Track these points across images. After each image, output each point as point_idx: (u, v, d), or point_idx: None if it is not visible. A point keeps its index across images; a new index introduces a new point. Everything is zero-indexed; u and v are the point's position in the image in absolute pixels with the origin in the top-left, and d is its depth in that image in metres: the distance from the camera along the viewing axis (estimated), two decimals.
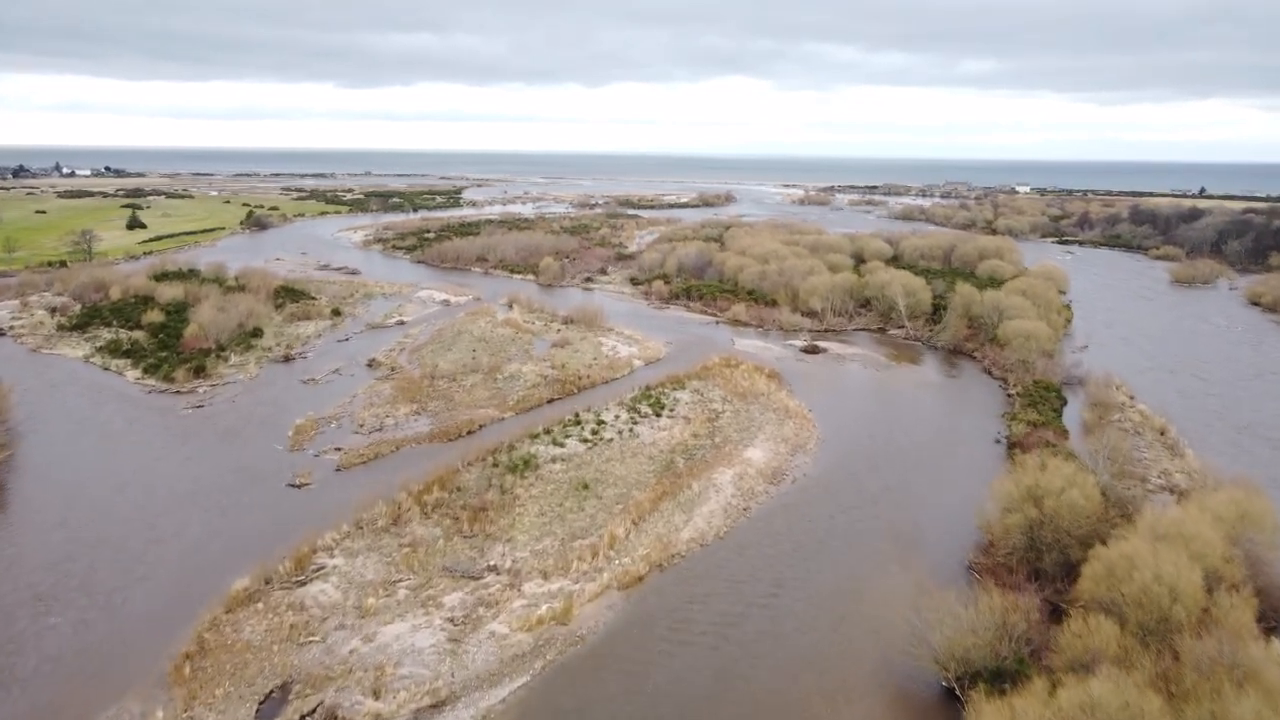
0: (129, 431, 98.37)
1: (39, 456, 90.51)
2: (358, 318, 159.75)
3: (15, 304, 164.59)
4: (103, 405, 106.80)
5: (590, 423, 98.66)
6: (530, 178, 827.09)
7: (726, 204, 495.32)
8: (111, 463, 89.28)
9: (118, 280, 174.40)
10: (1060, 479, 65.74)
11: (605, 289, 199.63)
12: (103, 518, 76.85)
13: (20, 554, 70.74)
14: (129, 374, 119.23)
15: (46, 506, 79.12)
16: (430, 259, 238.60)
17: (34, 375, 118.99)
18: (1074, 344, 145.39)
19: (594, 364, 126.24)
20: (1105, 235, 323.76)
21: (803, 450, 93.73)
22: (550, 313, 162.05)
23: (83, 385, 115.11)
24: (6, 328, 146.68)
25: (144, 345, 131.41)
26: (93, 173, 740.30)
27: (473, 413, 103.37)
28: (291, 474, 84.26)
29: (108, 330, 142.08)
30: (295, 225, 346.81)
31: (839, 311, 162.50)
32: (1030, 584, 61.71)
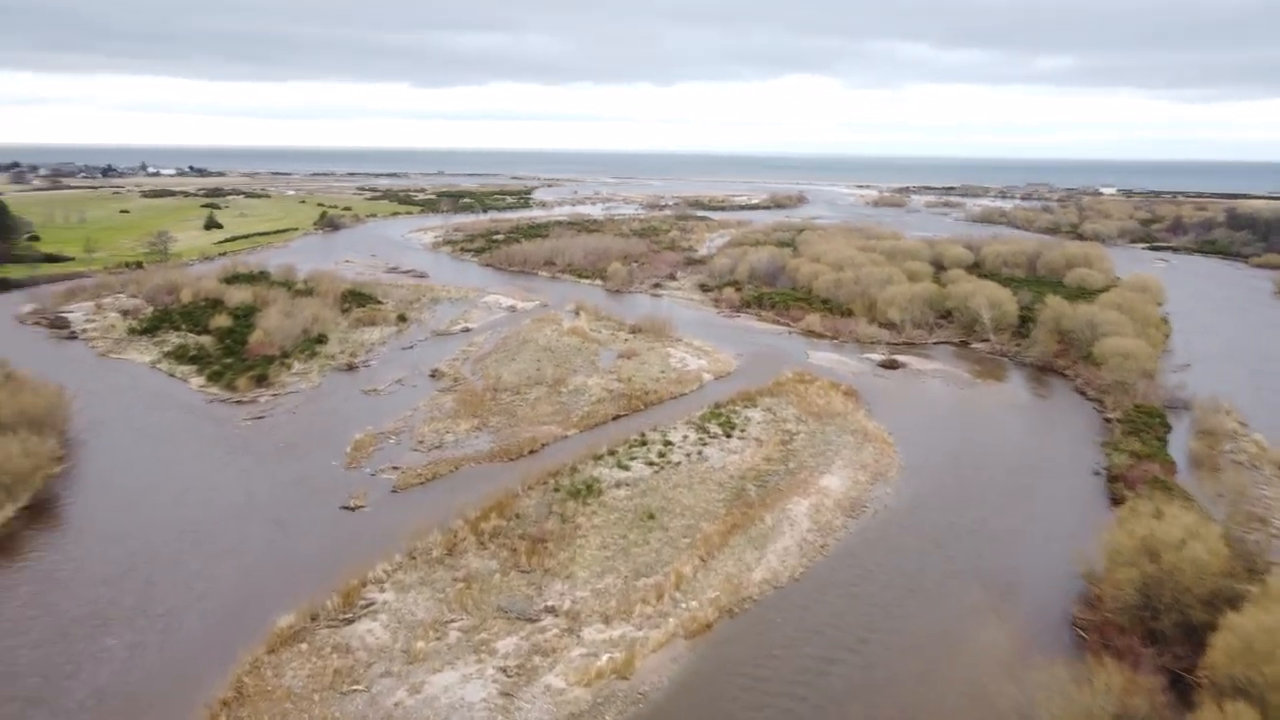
0: (188, 442, 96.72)
1: (98, 466, 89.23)
2: (423, 324, 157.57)
3: (90, 306, 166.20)
4: (164, 414, 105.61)
5: (657, 443, 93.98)
6: (600, 177, 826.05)
7: (798, 205, 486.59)
8: (170, 475, 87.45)
9: (189, 282, 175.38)
10: (1179, 529, 58.94)
11: (674, 295, 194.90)
12: (160, 531, 75.14)
13: (79, 567, 69.22)
14: (192, 381, 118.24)
15: (104, 518, 77.64)
16: (498, 262, 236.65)
17: (100, 380, 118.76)
18: (1174, 362, 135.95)
19: (661, 378, 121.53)
20: (1199, 241, 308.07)
21: (883, 479, 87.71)
22: (617, 321, 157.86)
23: (146, 392, 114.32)
24: (80, 330, 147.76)
25: (210, 351, 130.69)
26: (176, 172, 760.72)
27: (535, 430, 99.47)
28: (347, 495, 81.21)
29: (176, 334, 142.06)
30: (367, 226, 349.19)
31: (919, 323, 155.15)
32: (1145, 647, 55.21)
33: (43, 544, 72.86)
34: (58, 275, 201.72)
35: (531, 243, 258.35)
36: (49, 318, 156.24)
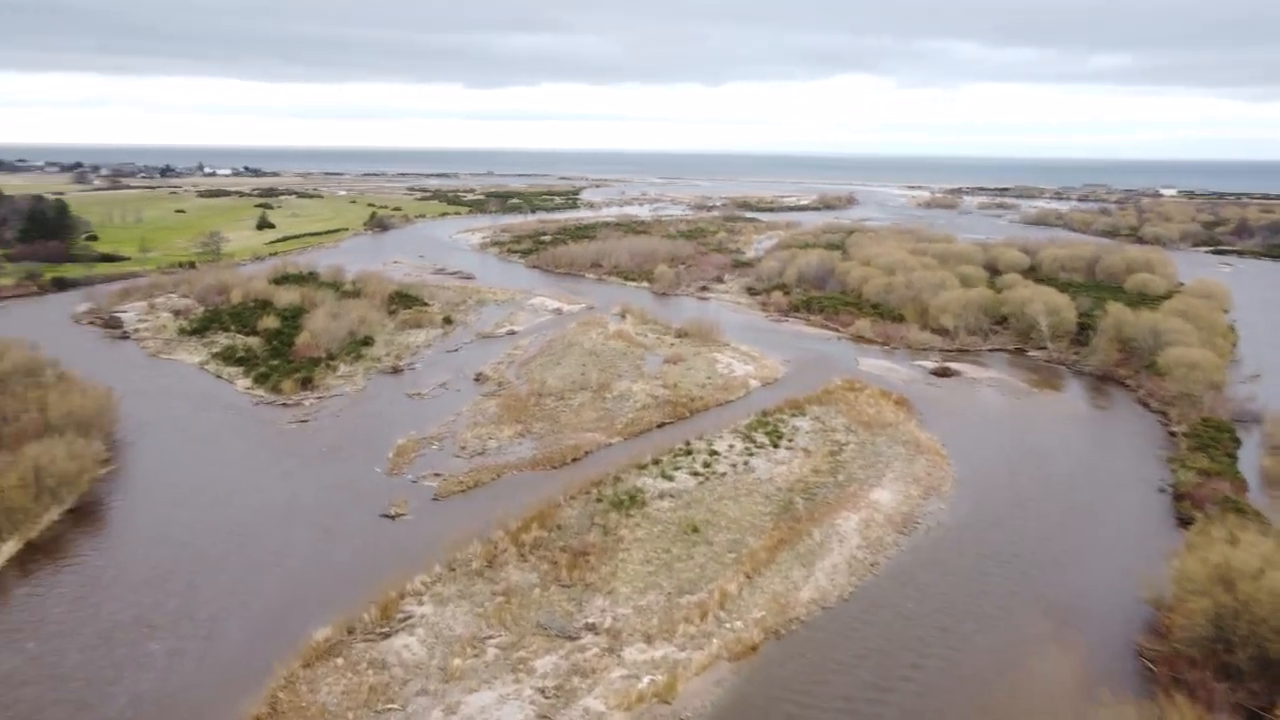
0: (233, 444, 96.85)
1: (144, 467, 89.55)
2: (469, 326, 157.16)
3: (143, 306, 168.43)
4: (210, 415, 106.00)
5: (702, 453, 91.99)
6: (648, 178, 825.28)
7: (848, 206, 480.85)
8: (214, 477, 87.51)
9: (239, 283, 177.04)
10: (1256, 557, 55.62)
11: (721, 298, 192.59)
12: (204, 534, 75.20)
13: (123, 570, 69.33)
14: (239, 383, 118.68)
15: (149, 520, 77.86)
16: (544, 264, 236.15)
17: (149, 381, 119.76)
18: (1243, 373, 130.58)
19: (708, 384, 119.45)
20: (1267, 244, 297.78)
21: (936, 493, 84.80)
22: (664, 324, 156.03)
23: (193, 393, 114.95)
24: (132, 331, 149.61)
25: (257, 352, 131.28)
26: (232, 172, 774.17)
27: (579, 437, 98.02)
28: (388, 502, 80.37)
29: (225, 335, 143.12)
30: (416, 226, 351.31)
31: (973, 329, 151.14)
32: (1219, 682, 52.08)
33: (88, 546, 73.00)
34: (113, 275, 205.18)
35: (578, 244, 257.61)
36: (103, 318, 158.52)
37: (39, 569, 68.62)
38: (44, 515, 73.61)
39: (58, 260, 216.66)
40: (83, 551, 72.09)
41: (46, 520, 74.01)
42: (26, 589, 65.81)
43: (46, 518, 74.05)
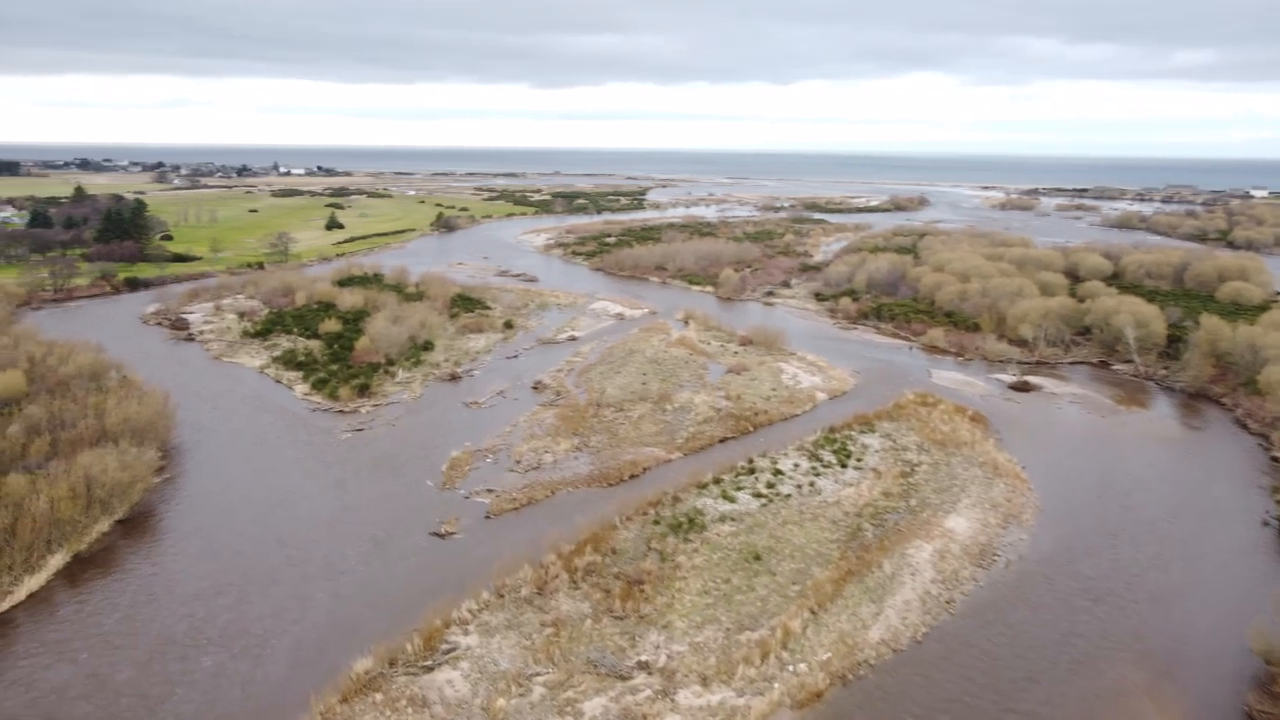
0: (288, 452, 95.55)
1: (198, 476, 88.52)
2: (530, 331, 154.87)
3: (210, 307, 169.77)
4: (266, 422, 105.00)
5: (766, 471, 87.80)
6: (715, 178, 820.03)
7: (919, 208, 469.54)
8: (268, 486, 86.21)
9: (304, 285, 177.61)
10: None
11: (787, 304, 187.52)
12: (255, 546, 74.18)
13: (174, 582, 68.47)
14: (297, 388, 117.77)
15: (201, 531, 76.78)
16: (608, 266, 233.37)
17: (209, 385, 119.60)
18: None
19: (772, 396, 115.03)
20: None
21: (1016, 522, 79.36)
22: (727, 331, 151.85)
23: (251, 398, 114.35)
24: (197, 332, 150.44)
25: (317, 357, 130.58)
26: (306, 171, 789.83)
27: (637, 452, 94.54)
28: (438, 519, 77.83)
29: (286, 338, 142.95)
30: (482, 227, 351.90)
31: (1053, 340, 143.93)
32: None
33: (139, 557, 71.81)
34: (184, 275, 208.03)
35: (643, 247, 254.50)
36: (170, 319, 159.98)
37: (88, 581, 67.54)
38: (93, 526, 72.68)
39: (132, 260, 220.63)
40: (133, 563, 70.95)
41: (96, 531, 73.05)
42: (76, 602, 64.74)
43: (96, 529, 73.09)
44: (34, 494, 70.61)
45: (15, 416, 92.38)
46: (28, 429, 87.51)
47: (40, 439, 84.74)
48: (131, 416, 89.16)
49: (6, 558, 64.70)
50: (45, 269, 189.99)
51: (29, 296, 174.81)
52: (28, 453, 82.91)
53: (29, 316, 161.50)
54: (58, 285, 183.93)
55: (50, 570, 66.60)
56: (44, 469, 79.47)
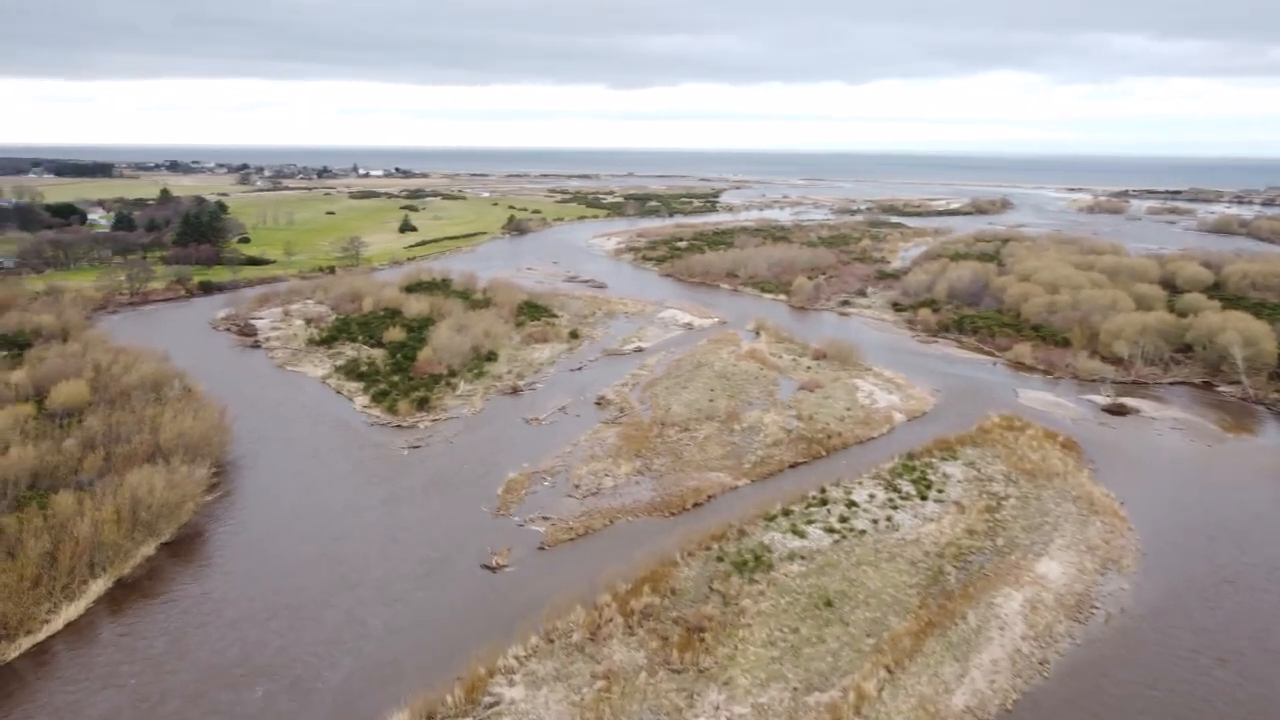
0: (344, 469, 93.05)
1: (251, 493, 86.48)
2: (595, 341, 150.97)
3: (279, 312, 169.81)
4: (324, 436, 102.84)
5: (839, 503, 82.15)
6: (790, 179, 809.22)
7: (1002, 211, 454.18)
8: (321, 506, 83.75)
9: (372, 290, 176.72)
10: None
11: (863, 314, 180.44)
12: (306, 571, 71.89)
13: (225, 604, 66.65)
14: (357, 400, 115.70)
15: (252, 551, 74.93)
16: (678, 272, 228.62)
17: (270, 395, 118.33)
18: None
19: (847, 416, 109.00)
20: None
21: (1116, 567, 72.41)
22: (800, 344, 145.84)
23: (311, 410, 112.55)
24: (264, 339, 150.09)
25: (379, 367, 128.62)
26: (384, 173, 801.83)
27: (702, 477, 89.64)
28: (490, 550, 74.07)
29: (351, 346, 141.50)
30: (553, 230, 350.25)
31: (1151, 359, 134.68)
32: None
33: (185, 580, 69.64)
34: (256, 279, 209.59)
35: (714, 252, 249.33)
36: (239, 324, 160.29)
37: (132, 607, 65.42)
38: (137, 550, 70.57)
39: (208, 263, 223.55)
40: (180, 587, 68.69)
41: (141, 555, 70.99)
42: (120, 628, 62.70)
43: (141, 552, 71.07)
44: (79, 516, 68.74)
45: (73, 429, 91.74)
46: (83, 442, 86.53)
47: (94, 454, 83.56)
48: (186, 431, 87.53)
49: (44, 585, 62.68)
50: (123, 272, 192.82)
51: (105, 300, 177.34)
52: (82, 468, 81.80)
53: (104, 320, 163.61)
54: (134, 289, 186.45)
55: (91, 597, 64.53)
56: (95, 486, 78.21)
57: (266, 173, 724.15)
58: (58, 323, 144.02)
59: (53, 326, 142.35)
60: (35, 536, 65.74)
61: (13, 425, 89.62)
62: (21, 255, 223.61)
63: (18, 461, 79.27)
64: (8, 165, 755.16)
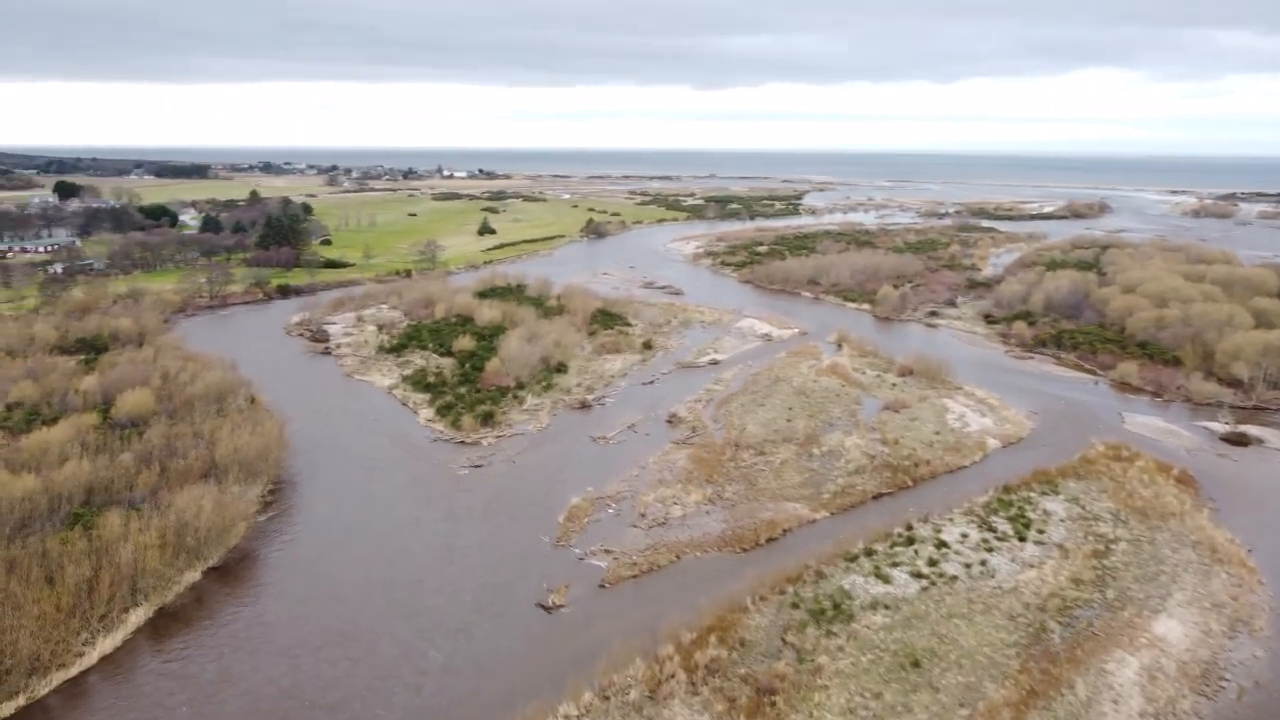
0: (403, 489, 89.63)
1: (306, 514, 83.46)
2: (669, 352, 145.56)
3: (352, 318, 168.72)
4: (386, 453, 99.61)
5: (927, 542, 75.26)
6: (875, 181, 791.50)
7: (1100, 215, 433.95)
8: (376, 528, 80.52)
9: (445, 296, 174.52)
10: None
11: (953, 326, 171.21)
12: (359, 598, 69.10)
13: (276, 630, 64.33)
14: (422, 413, 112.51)
15: (305, 574, 72.44)
16: (758, 279, 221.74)
17: (335, 406, 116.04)
18: None
19: (936, 441, 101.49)
20: None
21: (1247, 629, 64.14)
22: (885, 359, 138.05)
23: (374, 423, 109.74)
24: (335, 345, 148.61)
25: (447, 377, 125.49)
26: (468, 174, 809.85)
27: (777, 508, 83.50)
28: (547, 586, 69.28)
29: (420, 355, 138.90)
30: (631, 233, 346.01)
31: (1274, 382, 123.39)
32: None
33: (235, 607, 66.76)
34: (334, 282, 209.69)
35: (795, 258, 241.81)
36: (312, 329, 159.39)
37: (175, 636, 62.51)
38: (182, 577, 67.58)
39: (288, 266, 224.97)
40: (228, 613, 65.73)
41: (186, 581, 68.08)
42: (164, 657, 59.96)
43: (186, 578, 68.11)
44: (123, 540, 66.14)
45: (133, 441, 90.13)
46: (140, 457, 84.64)
47: (149, 470, 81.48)
48: (242, 448, 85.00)
49: (80, 616, 59.93)
50: (203, 275, 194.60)
51: (184, 303, 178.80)
52: (135, 484, 79.73)
53: (182, 324, 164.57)
54: (213, 292, 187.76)
55: (130, 627, 61.65)
56: (147, 503, 76.01)
57: (354, 174, 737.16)
58: (135, 326, 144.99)
59: (130, 330, 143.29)
60: (75, 562, 63.23)
61: (74, 437, 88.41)
62: (111, 257, 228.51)
63: (72, 477, 77.63)
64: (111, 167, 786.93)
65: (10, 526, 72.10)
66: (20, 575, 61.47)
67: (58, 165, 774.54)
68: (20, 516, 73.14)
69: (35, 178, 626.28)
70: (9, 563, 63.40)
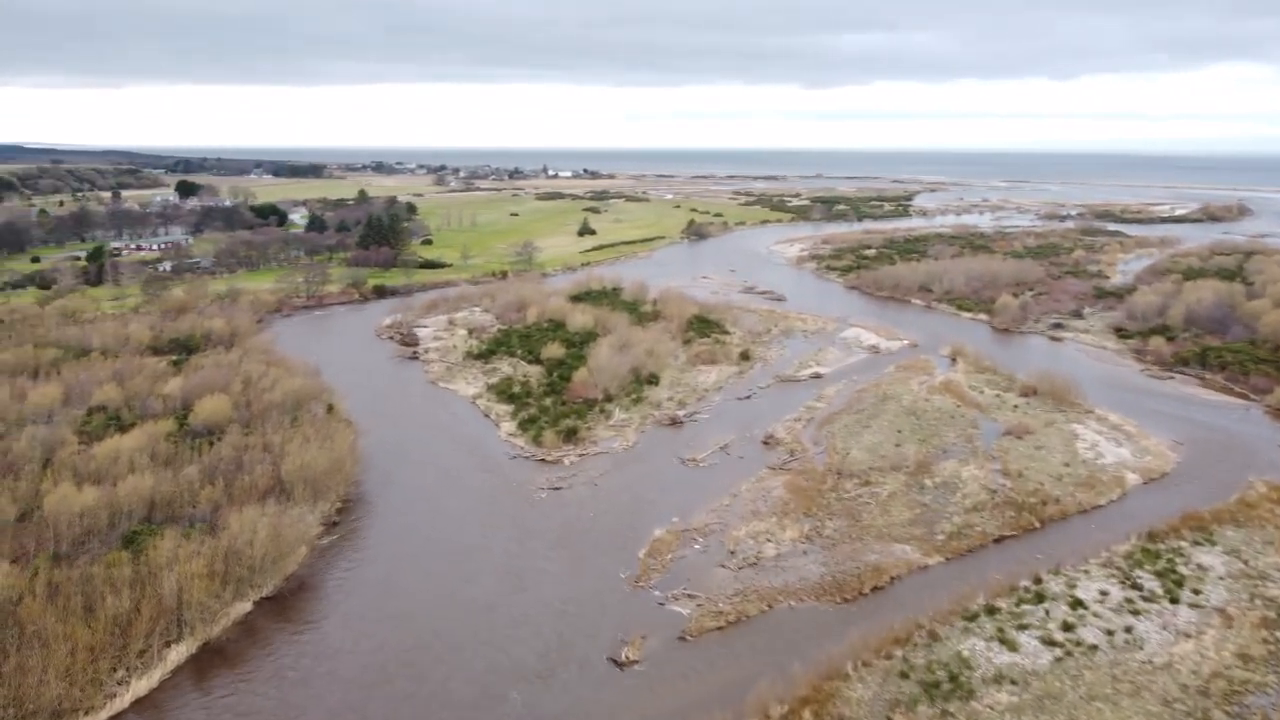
0: (477, 510, 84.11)
1: (373, 537, 78.56)
2: (768, 364, 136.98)
3: (444, 320, 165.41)
4: (462, 470, 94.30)
5: (1059, 600, 65.36)
6: (989, 181, 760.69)
7: (1239, 218, 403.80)
8: (444, 553, 75.73)
9: (538, 300, 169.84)
10: None
11: (1080, 340, 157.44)
12: (423, 632, 63.83)
13: (331, 666, 59.78)
14: (504, 426, 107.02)
15: (366, 605, 67.68)
16: (865, 285, 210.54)
17: (416, 416, 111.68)
18: None
19: (1065, 475, 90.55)
20: None
21: None
22: (1005, 376, 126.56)
23: (455, 436, 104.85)
24: (423, 350, 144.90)
25: (533, 387, 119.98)
26: (572, 174, 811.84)
27: (884, 550, 74.48)
28: (621, 636, 62.11)
29: (508, 362, 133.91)
30: (733, 235, 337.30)
31: None
32: None
33: (287, 639, 62.28)
34: (430, 283, 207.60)
35: (905, 262, 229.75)
36: (402, 332, 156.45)
37: (218, 675, 57.82)
38: (229, 609, 62.78)
39: (386, 266, 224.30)
40: (278, 647, 61.00)
41: (236, 613, 63.22)
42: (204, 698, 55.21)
43: (235, 610, 63.34)
44: (169, 567, 61.78)
45: (203, 452, 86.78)
46: (206, 470, 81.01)
47: (213, 486, 77.66)
48: (309, 464, 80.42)
49: (113, 653, 55.42)
50: (300, 274, 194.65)
51: (280, 303, 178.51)
52: (198, 500, 75.99)
53: (275, 324, 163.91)
54: (309, 291, 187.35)
55: (169, 665, 56.95)
56: (209, 521, 72.11)
57: (461, 174, 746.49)
58: (227, 327, 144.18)
59: (222, 331, 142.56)
60: (115, 592, 59.01)
61: (145, 445, 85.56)
62: (218, 255, 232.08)
63: (133, 491, 74.27)
64: (233, 166, 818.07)
65: (68, 544, 69.12)
66: (59, 605, 57.48)
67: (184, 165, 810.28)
68: (78, 534, 70.11)
69: (162, 177, 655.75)
70: (52, 589, 59.59)
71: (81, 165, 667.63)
